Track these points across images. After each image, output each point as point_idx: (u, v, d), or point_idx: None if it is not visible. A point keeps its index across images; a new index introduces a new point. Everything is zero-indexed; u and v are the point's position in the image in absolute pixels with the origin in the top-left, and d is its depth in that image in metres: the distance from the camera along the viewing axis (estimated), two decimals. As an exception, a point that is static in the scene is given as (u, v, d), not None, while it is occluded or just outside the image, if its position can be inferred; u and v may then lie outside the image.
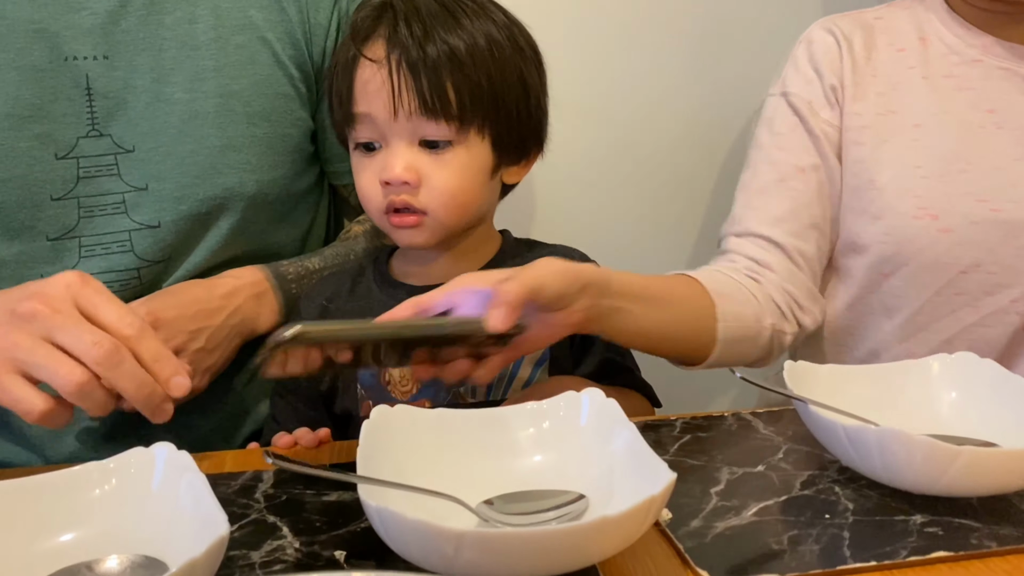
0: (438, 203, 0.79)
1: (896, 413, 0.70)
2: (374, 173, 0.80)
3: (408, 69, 0.77)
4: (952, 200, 0.92)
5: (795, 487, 0.66)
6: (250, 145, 0.90)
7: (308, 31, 0.93)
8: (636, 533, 0.52)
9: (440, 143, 0.78)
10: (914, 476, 0.61)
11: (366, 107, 0.79)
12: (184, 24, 0.88)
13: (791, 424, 0.76)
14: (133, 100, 0.87)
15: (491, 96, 0.79)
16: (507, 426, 0.66)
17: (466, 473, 0.62)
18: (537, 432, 0.65)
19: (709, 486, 0.66)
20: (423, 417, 0.65)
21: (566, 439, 0.65)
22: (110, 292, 0.66)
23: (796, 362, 0.73)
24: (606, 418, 0.63)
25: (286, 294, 0.90)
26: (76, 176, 0.87)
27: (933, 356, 0.76)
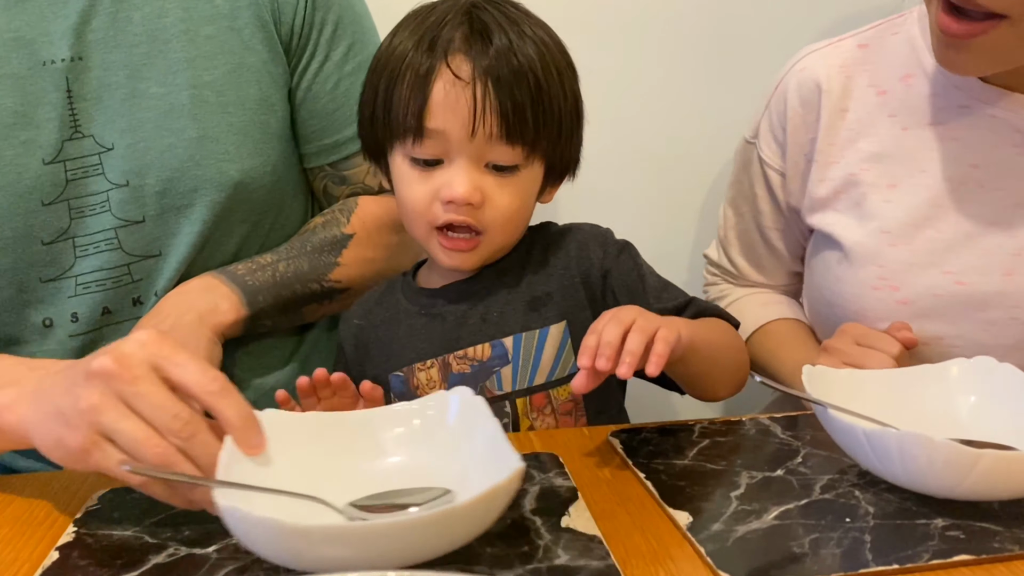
0: (497, 224, 0.79)
1: (915, 417, 0.70)
2: (432, 189, 0.77)
3: (494, 91, 0.75)
4: (915, 271, 0.88)
5: (815, 491, 0.66)
6: (227, 134, 0.90)
7: (275, 10, 0.93)
8: (483, 522, 0.54)
9: (507, 167, 0.78)
10: (935, 480, 0.61)
11: (441, 123, 0.76)
12: (153, 19, 0.89)
13: (809, 428, 0.76)
14: (109, 98, 0.88)
15: (556, 119, 0.79)
16: (378, 427, 0.66)
17: (337, 475, 0.63)
18: (407, 432, 0.66)
19: (729, 490, 0.66)
20: (297, 421, 0.66)
21: (435, 437, 0.65)
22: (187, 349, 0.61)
23: (815, 366, 0.73)
24: (472, 415, 0.64)
25: (241, 285, 0.91)
26: (64, 179, 0.88)
27: (952, 360, 0.76)
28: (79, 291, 0.91)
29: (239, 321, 0.90)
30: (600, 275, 0.83)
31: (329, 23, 0.96)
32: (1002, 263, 0.85)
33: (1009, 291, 0.85)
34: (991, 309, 0.85)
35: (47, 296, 0.91)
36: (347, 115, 0.98)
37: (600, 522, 0.62)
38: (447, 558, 0.55)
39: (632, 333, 0.67)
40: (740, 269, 1.08)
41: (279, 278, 0.93)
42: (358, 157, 1.00)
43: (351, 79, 0.98)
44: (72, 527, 0.63)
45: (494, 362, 0.81)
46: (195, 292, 0.89)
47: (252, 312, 0.91)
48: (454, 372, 0.82)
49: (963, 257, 0.86)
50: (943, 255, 0.87)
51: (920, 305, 0.87)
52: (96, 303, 0.91)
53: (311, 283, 0.96)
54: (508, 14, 0.79)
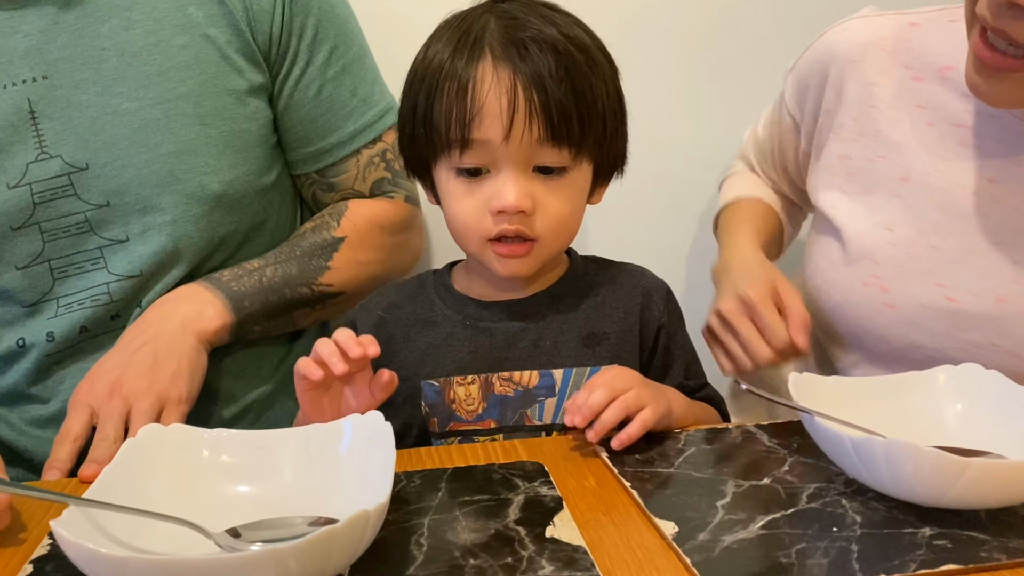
0: (550, 230, 0.76)
1: (902, 425, 0.69)
2: (481, 201, 0.75)
3: (537, 93, 0.72)
4: (908, 277, 0.85)
5: (802, 500, 0.65)
6: (206, 146, 0.88)
7: (251, 19, 0.90)
8: (324, 565, 0.51)
9: (555, 169, 0.75)
10: (922, 488, 0.61)
11: (486, 133, 0.73)
12: (121, 32, 0.86)
13: (796, 436, 0.76)
14: (79, 117, 0.85)
15: (602, 120, 0.76)
16: (275, 450, 0.66)
17: (224, 497, 0.63)
18: (303, 456, 0.66)
19: (715, 499, 0.65)
20: (194, 438, 0.66)
21: (330, 463, 0.65)
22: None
23: (801, 374, 0.72)
24: (368, 444, 0.64)
25: (226, 291, 0.89)
26: (32, 203, 0.85)
27: (938, 368, 0.76)
28: (60, 312, 0.90)
29: (225, 327, 0.89)
30: (655, 328, 0.83)
31: (309, 28, 0.94)
32: (998, 287, 0.82)
33: (997, 317, 0.82)
34: (975, 331, 0.83)
35: (26, 318, 0.90)
36: (332, 121, 0.97)
37: (585, 532, 0.61)
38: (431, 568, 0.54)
39: (614, 405, 0.72)
40: (754, 164, 1.11)
41: (266, 283, 0.92)
42: (346, 162, 1.00)
43: (334, 84, 0.97)
44: (47, 540, 0.62)
45: (540, 391, 0.79)
46: (179, 300, 0.88)
47: (238, 318, 0.90)
48: (496, 392, 0.80)
49: (960, 273, 0.84)
50: (940, 266, 0.84)
51: (905, 312, 0.86)
52: (74, 323, 0.90)
53: (300, 287, 0.94)
54: (543, 14, 0.76)
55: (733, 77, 1.26)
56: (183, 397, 0.82)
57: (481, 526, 0.62)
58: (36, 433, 0.92)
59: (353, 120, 0.98)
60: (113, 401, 0.79)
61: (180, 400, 0.81)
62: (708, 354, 0.90)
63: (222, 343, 0.90)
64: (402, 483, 0.68)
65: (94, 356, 0.88)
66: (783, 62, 1.01)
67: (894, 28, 0.90)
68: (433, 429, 0.81)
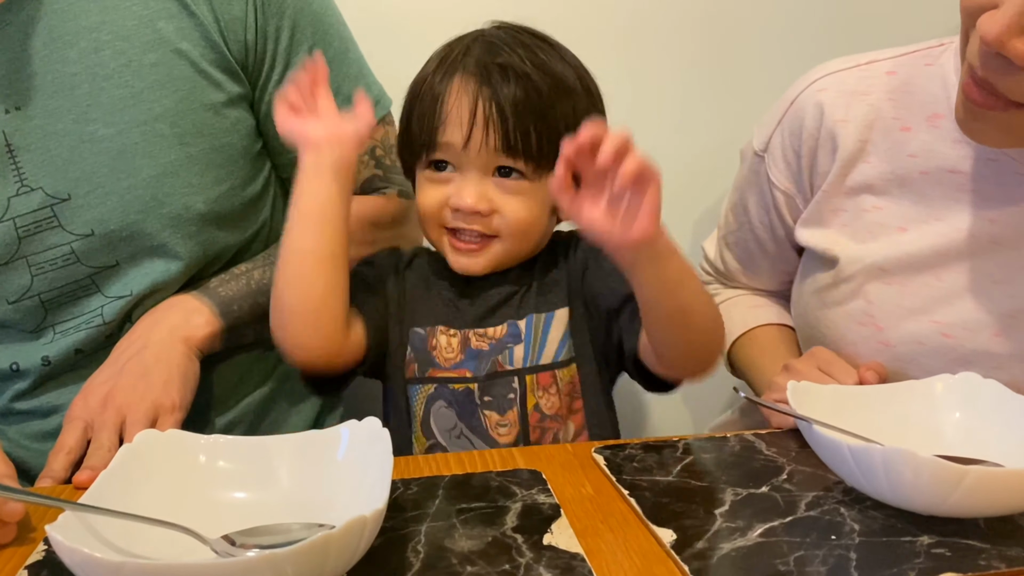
0: (509, 231, 0.82)
1: (900, 433, 0.69)
2: (443, 195, 0.82)
3: (496, 110, 0.79)
4: (904, 315, 0.84)
5: (800, 508, 0.65)
6: (188, 166, 0.87)
7: (223, 29, 0.88)
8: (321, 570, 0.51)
9: (514, 171, 0.81)
10: (920, 496, 0.61)
11: (450, 136, 0.80)
12: (90, 55, 0.83)
13: (794, 444, 0.76)
14: (56, 147, 0.83)
15: None
16: (270, 457, 0.66)
17: (221, 503, 0.63)
18: (299, 462, 0.66)
19: (713, 507, 0.65)
20: (191, 444, 0.66)
21: (326, 470, 0.65)
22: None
23: (800, 383, 0.72)
24: (365, 450, 0.64)
25: (213, 296, 0.89)
26: (16, 237, 0.84)
27: (936, 376, 0.76)
28: (55, 338, 0.89)
29: (215, 333, 0.88)
30: (581, 265, 0.86)
31: (285, 30, 0.91)
32: (994, 323, 0.81)
33: (994, 352, 0.82)
34: (971, 366, 0.81)
35: (21, 344, 0.89)
36: None
37: (583, 540, 0.61)
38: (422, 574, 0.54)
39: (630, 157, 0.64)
40: (733, 272, 1.07)
41: (255, 285, 0.91)
42: None
43: None
44: (42, 545, 0.61)
45: (507, 340, 0.84)
46: (166, 309, 0.88)
47: (228, 323, 0.89)
48: (472, 347, 0.84)
49: (956, 310, 0.83)
50: (936, 304, 0.83)
51: (901, 350, 0.85)
52: (69, 346, 0.89)
53: None
54: (525, 43, 0.82)
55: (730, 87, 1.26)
56: (176, 404, 0.81)
57: (479, 533, 0.62)
58: (35, 447, 0.91)
59: None
60: (107, 412, 0.79)
61: (174, 408, 0.81)
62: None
63: (214, 349, 0.90)
64: (399, 490, 0.68)
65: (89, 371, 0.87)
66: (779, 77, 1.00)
67: (872, 80, 0.88)
68: (411, 375, 0.85)
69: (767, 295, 1.06)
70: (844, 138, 0.87)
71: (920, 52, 0.87)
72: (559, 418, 0.84)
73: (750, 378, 0.99)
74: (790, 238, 0.97)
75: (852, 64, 0.89)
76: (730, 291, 1.08)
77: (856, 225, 0.88)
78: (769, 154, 0.95)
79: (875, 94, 0.87)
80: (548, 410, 0.83)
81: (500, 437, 0.83)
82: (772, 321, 1.01)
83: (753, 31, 1.24)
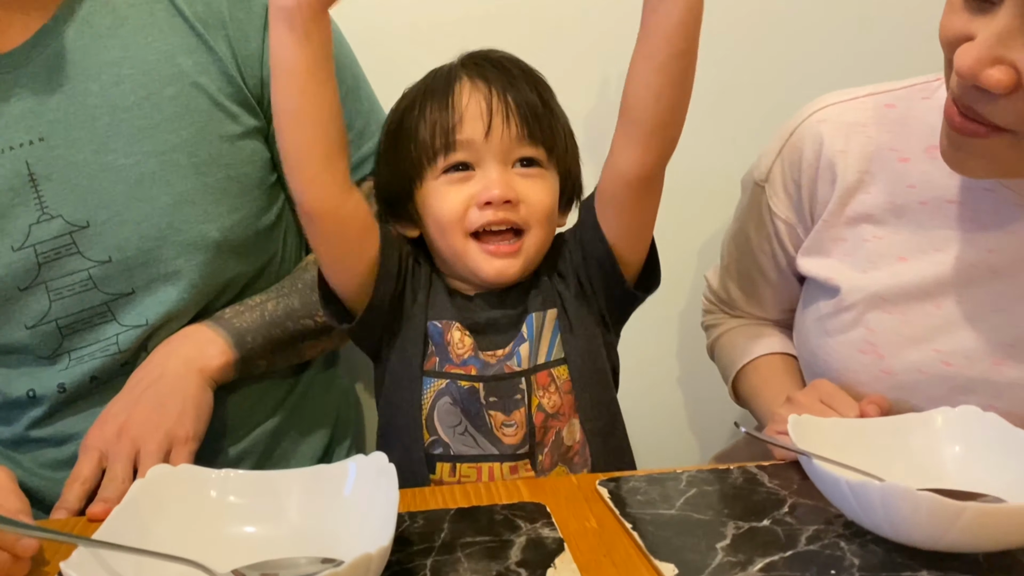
0: (536, 218, 0.82)
1: (901, 467, 0.70)
2: (466, 196, 0.81)
3: (512, 99, 0.81)
4: (905, 344, 0.85)
5: (801, 542, 0.66)
6: (203, 195, 0.89)
7: (240, 64, 0.90)
8: None
9: (535, 161, 0.83)
10: (919, 532, 0.61)
11: (469, 133, 0.81)
12: (111, 88, 0.86)
13: (797, 476, 0.76)
14: (77, 176, 0.86)
15: (564, 136, 0.86)
16: (279, 492, 0.67)
17: (230, 537, 0.64)
18: (307, 497, 0.67)
19: (715, 541, 0.66)
20: (202, 479, 0.67)
21: (333, 505, 0.66)
22: None
23: (801, 416, 0.73)
24: (371, 485, 0.65)
25: (228, 328, 0.90)
26: (37, 263, 0.87)
27: (936, 410, 0.76)
28: (71, 365, 0.91)
29: (229, 364, 0.90)
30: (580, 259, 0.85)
31: None
32: (994, 351, 0.82)
33: (994, 380, 0.83)
34: (972, 394, 0.82)
35: (38, 371, 0.91)
36: None
37: (586, 574, 0.62)
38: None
39: None
40: (736, 301, 1.08)
41: (268, 317, 0.93)
42: None
43: None
44: (57, 579, 0.63)
45: (515, 344, 0.84)
46: (181, 340, 0.90)
47: (242, 354, 0.91)
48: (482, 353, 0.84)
49: (956, 339, 0.83)
50: (936, 333, 0.84)
51: (902, 378, 0.85)
52: (84, 373, 0.91)
53: (304, 319, 0.95)
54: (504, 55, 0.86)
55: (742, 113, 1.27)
56: (190, 436, 0.83)
57: (483, 567, 0.63)
58: (49, 475, 0.93)
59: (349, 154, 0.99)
60: (121, 443, 0.80)
61: (187, 439, 0.83)
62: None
63: (227, 380, 0.92)
64: (405, 523, 0.69)
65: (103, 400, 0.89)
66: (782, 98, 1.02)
67: (871, 112, 0.89)
68: (432, 367, 0.84)
69: (770, 324, 1.07)
70: (843, 169, 0.88)
71: (918, 86, 0.89)
72: (561, 416, 0.83)
73: (754, 407, 0.99)
74: (792, 267, 0.98)
75: (851, 96, 0.91)
76: (733, 320, 1.09)
77: (857, 255, 0.89)
78: (769, 184, 0.96)
79: (874, 126, 0.88)
80: (551, 409, 0.83)
81: (505, 437, 0.82)
82: (775, 351, 1.02)
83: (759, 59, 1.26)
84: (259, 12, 0.91)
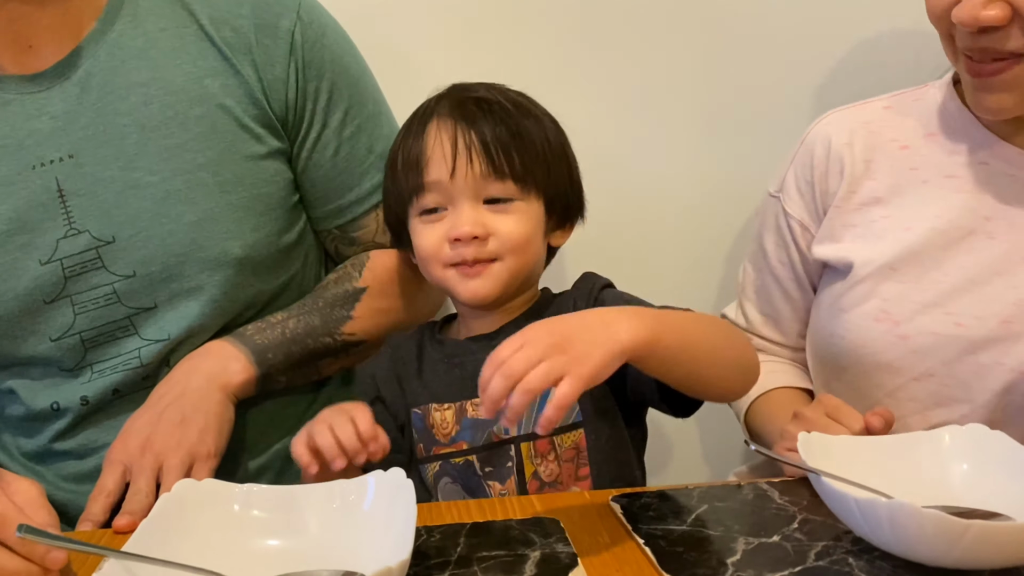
0: (507, 248, 0.85)
1: (909, 485, 0.71)
2: (440, 233, 0.86)
3: (477, 138, 0.85)
4: (918, 309, 0.91)
5: (810, 558, 0.67)
6: (227, 213, 0.92)
7: (265, 88, 0.93)
8: None
9: (503, 199, 0.86)
10: (926, 549, 0.62)
11: (435, 174, 0.85)
12: (140, 107, 0.89)
13: (807, 493, 0.77)
14: (104, 192, 0.89)
15: (544, 161, 0.88)
16: (300, 506, 0.69)
17: (252, 551, 0.66)
18: (327, 512, 0.69)
19: (725, 556, 0.67)
20: (226, 494, 0.69)
21: (352, 520, 0.68)
22: None
23: (811, 434, 0.75)
24: (390, 500, 0.67)
25: (249, 344, 0.92)
26: (63, 277, 0.89)
27: (944, 428, 0.78)
28: (93, 378, 0.93)
29: (250, 380, 0.92)
30: None
31: (323, 91, 0.97)
32: (1002, 311, 0.89)
33: (1003, 337, 0.89)
34: (983, 353, 0.89)
35: (61, 383, 0.93)
36: (349, 179, 1.00)
37: (598, 589, 0.63)
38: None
39: (518, 391, 0.64)
40: (754, 324, 1.10)
41: (289, 335, 0.95)
42: (365, 218, 1.03)
43: (351, 143, 0.99)
44: (86, 590, 0.65)
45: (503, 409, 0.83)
46: (204, 356, 0.92)
47: (263, 370, 0.93)
48: (468, 416, 0.86)
49: (964, 301, 0.90)
50: (946, 297, 0.91)
51: (918, 341, 0.91)
52: (107, 386, 0.93)
53: (323, 337, 0.97)
54: (483, 84, 0.91)
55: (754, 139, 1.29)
56: (212, 452, 0.85)
57: (499, 582, 0.64)
58: (72, 488, 0.95)
59: (370, 177, 1.01)
60: (145, 458, 0.82)
61: (209, 455, 0.85)
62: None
63: (248, 395, 0.93)
64: (422, 537, 0.71)
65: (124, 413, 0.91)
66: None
67: (871, 113, 1.01)
68: (420, 455, 0.87)
69: (786, 361, 1.09)
70: (849, 159, 0.98)
71: (908, 92, 1.01)
72: (559, 485, 0.84)
73: (764, 433, 1.01)
74: (808, 271, 1.03)
75: (851, 105, 1.03)
76: None
77: (867, 235, 0.96)
78: (784, 192, 1.04)
79: (875, 123, 0.99)
80: (547, 478, 0.84)
81: None
82: (789, 384, 1.05)
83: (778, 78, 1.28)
84: (285, 39, 0.94)
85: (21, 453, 0.98)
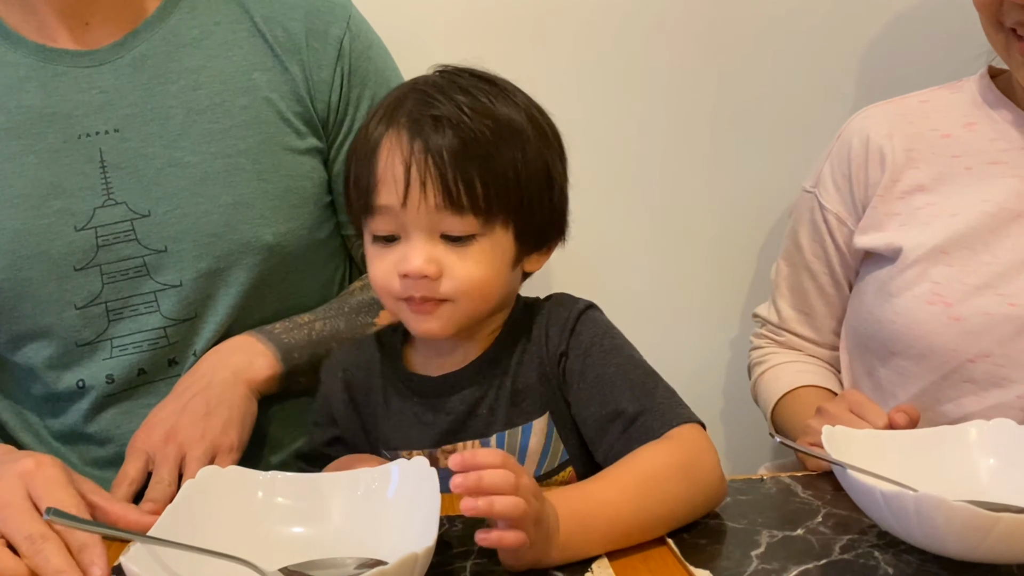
0: (461, 292, 0.75)
1: (935, 479, 0.70)
2: (392, 264, 0.75)
3: (433, 161, 0.72)
4: (970, 290, 0.91)
5: (835, 551, 0.67)
6: (262, 200, 0.93)
7: (311, 88, 0.96)
8: None
9: (463, 237, 0.74)
10: (953, 542, 0.62)
11: (386, 199, 0.74)
12: (188, 91, 0.93)
13: (830, 488, 0.77)
14: (145, 167, 0.91)
15: (516, 188, 0.75)
16: (324, 494, 0.69)
17: (278, 537, 0.66)
18: (352, 500, 0.69)
19: (749, 549, 0.67)
20: (249, 480, 0.69)
21: (377, 507, 0.68)
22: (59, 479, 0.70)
23: (834, 427, 0.74)
24: (414, 487, 0.67)
25: (277, 342, 0.93)
26: (95, 245, 0.91)
27: (970, 423, 0.77)
28: (115, 353, 0.94)
29: (275, 377, 0.93)
30: (557, 358, 0.79)
31: (364, 100, 1.00)
32: None
33: None
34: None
35: (83, 359, 0.94)
36: None
37: (622, 579, 0.63)
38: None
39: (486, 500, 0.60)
40: (787, 321, 1.10)
41: (315, 336, 0.96)
42: None
43: None
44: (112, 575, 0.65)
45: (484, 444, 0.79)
46: (231, 350, 0.92)
47: (287, 368, 0.93)
48: (440, 467, 0.74)
49: (1016, 282, 0.90)
50: (997, 279, 0.91)
51: (972, 323, 0.90)
52: (132, 365, 0.94)
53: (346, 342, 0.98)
54: (462, 85, 0.77)
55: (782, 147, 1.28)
56: (234, 445, 0.86)
57: (522, 571, 0.64)
58: (95, 473, 0.96)
59: None
60: (168, 447, 0.83)
61: (231, 448, 0.85)
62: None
63: (271, 392, 0.94)
64: (445, 527, 0.71)
65: (148, 400, 0.93)
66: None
67: (908, 107, 1.01)
68: None
69: (815, 361, 1.09)
70: (891, 150, 0.98)
71: (943, 88, 1.02)
72: None
73: (789, 428, 1.01)
74: (843, 264, 1.03)
75: (888, 101, 1.03)
76: (782, 355, 1.10)
77: (913, 223, 0.96)
78: (820, 186, 1.04)
79: (913, 115, 1.00)
80: None
81: None
82: (817, 384, 1.05)
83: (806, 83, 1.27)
84: (334, 45, 0.97)
85: (50, 433, 0.99)
